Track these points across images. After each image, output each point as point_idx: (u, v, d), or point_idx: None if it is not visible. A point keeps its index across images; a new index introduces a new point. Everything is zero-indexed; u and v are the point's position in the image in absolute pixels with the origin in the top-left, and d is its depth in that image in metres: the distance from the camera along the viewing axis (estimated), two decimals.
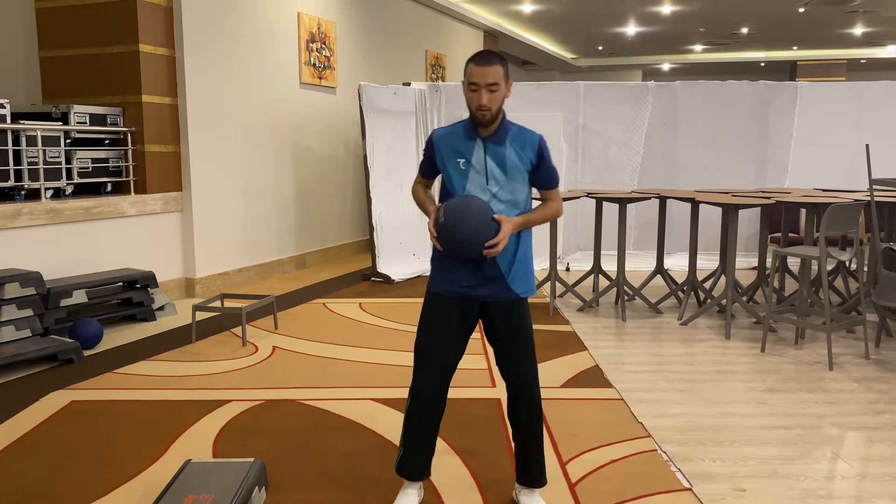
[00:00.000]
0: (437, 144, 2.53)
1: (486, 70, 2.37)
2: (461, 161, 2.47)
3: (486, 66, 2.38)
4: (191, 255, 6.16)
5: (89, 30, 5.79)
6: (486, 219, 2.37)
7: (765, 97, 7.85)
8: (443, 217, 2.36)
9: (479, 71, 2.38)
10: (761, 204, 4.98)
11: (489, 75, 2.37)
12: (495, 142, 2.46)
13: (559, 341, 4.79)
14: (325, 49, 7.90)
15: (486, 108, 2.38)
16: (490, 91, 2.38)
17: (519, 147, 2.47)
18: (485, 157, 2.46)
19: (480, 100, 2.38)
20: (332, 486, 2.76)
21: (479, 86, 2.38)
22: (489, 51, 2.46)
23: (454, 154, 2.49)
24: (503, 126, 2.47)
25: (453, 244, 2.37)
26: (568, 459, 2.98)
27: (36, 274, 4.58)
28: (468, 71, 2.41)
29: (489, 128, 2.45)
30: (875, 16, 12.93)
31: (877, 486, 2.77)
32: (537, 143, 2.48)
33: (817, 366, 4.25)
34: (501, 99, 2.42)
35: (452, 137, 2.51)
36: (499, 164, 2.45)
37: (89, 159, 5.53)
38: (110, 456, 3.05)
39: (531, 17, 12.85)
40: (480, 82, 2.37)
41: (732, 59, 18.53)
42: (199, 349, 4.65)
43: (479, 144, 2.47)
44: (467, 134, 2.48)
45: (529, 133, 2.50)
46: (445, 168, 2.51)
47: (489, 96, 2.38)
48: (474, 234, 2.35)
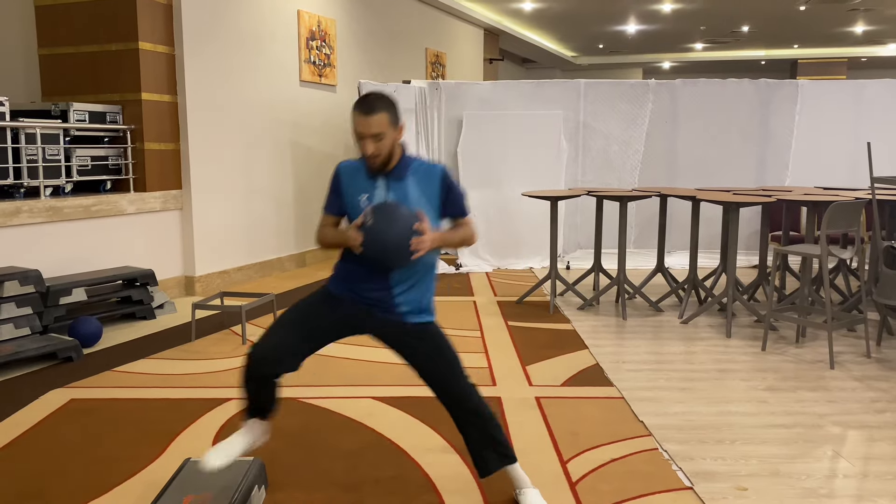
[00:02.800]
0: (342, 178, 2.49)
1: (369, 120, 2.32)
2: (363, 197, 2.44)
3: (369, 115, 2.32)
4: (190, 253, 6.15)
5: (88, 27, 5.78)
6: (413, 223, 2.32)
7: (766, 95, 7.84)
8: (371, 220, 2.30)
9: (363, 121, 2.32)
10: (762, 202, 4.96)
11: (372, 126, 2.32)
12: (395, 178, 2.42)
13: (559, 340, 4.78)
14: (325, 47, 7.89)
15: (373, 156, 2.35)
16: (376, 140, 2.33)
17: (422, 181, 2.43)
18: (386, 193, 2.42)
19: (366, 149, 2.35)
20: (331, 485, 2.76)
21: (363, 135, 2.33)
22: (375, 96, 2.37)
23: (357, 190, 2.46)
24: (402, 161, 2.44)
25: (380, 247, 2.31)
26: (568, 458, 2.97)
27: (35, 272, 4.57)
28: (353, 119, 2.35)
29: (387, 167, 2.42)
30: (876, 14, 12.92)
31: (878, 484, 2.76)
32: (439, 176, 2.44)
33: (818, 364, 4.24)
34: (390, 144, 2.37)
35: (356, 173, 2.47)
36: (401, 199, 2.41)
37: (89, 157, 5.52)
38: (109, 454, 3.04)
39: (531, 14, 12.84)
40: (364, 132, 2.33)
41: (733, 58, 18.51)
42: (198, 347, 4.65)
43: (380, 182, 2.43)
44: (369, 172, 2.44)
45: (432, 166, 2.47)
46: (349, 203, 2.47)
47: (375, 145, 2.34)
48: (403, 238, 2.29)
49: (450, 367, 2.51)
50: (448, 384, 2.50)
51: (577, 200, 7.77)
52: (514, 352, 4.51)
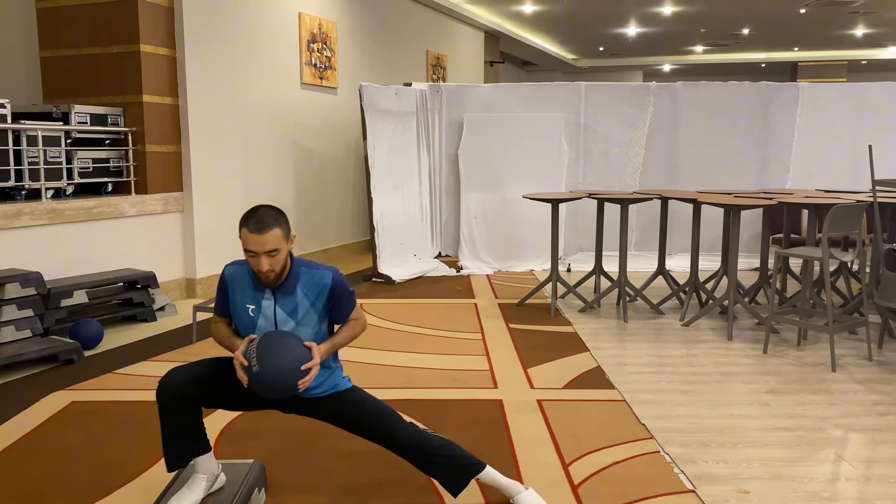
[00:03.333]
0: (231, 285, 2.43)
1: (263, 238, 2.23)
2: (250, 308, 2.38)
3: (262, 233, 2.23)
4: (191, 255, 6.15)
5: (90, 30, 5.78)
6: (301, 355, 2.26)
7: (766, 98, 7.84)
8: (256, 366, 2.22)
9: (256, 239, 2.23)
10: (763, 205, 4.96)
11: (267, 242, 2.24)
12: (284, 293, 2.37)
13: (561, 342, 4.78)
14: (326, 49, 7.89)
15: (268, 272, 2.28)
16: (270, 256, 2.26)
17: (311, 293, 2.38)
18: (274, 307, 2.37)
19: (260, 266, 2.27)
20: (333, 487, 2.75)
21: (257, 253, 2.25)
22: (265, 211, 2.30)
23: (243, 300, 2.40)
24: (292, 274, 2.37)
25: (267, 389, 2.27)
26: (570, 461, 2.97)
27: (36, 274, 4.57)
28: (243, 236, 2.26)
29: (276, 282, 2.36)
30: (876, 17, 12.92)
31: (881, 488, 2.75)
32: (329, 287, 2.38)
33: (820, 367, 4.23)
34: (284, 259, 2.31)
35: (242, 281, 2.41)
36: (289, 313, 2.37)
37: (90, 159, 5.52)
38: (110, 457, 3.04)
39: (532, 17, 12.85)
40: (258, 250, 2.25)
41: (733, 60, 18.52)
42: (199, 350, 4.64)
43: (267, 294, 2.38)
44: (255, 285, 2.38)
45: (322, 276, 2.39)
46: (236, 311, 2.42)
47: (270, 261, 2.27)
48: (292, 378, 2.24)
49: (386, 421, 2.46)
50: (393, 437, 2.45)
51: (578, 203, 7.76)
52: (516, 354, 4.51)
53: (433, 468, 2.49)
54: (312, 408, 2.50)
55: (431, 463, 2.47)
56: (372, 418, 2.47)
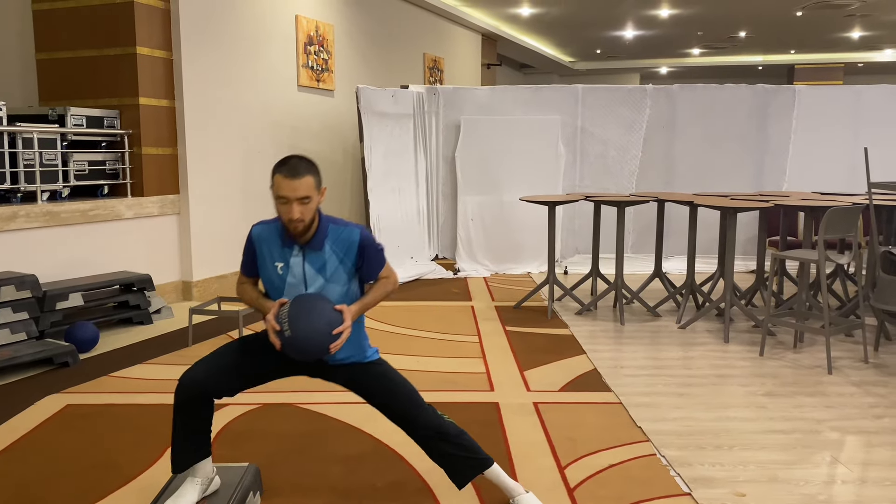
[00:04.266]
0: (258, 244, 2.42)
1: (296, 183, 2.24)
2: (279, 265, 2.38)
3: (296, 178, 2.25)
4: (188, 257, 6.14)
5: (86, 32, 5.78)
6: (333, 318, 2.26)
7: (763, 100, 7.85)
8: (289, 331, 2.22)
9: (289, 184, 2.24)
10: (760, 207, 4.97)
11: (300, 189, 2.25)
12: (313, 248, 2.36)
13: (557, 345, 4.78)
14: (323, 52, 7.89)
15: (298, 220, 2.28)
16: (301, 204, 2.27)
17: (340, 250, 2.38)
18: (303, 264, 2.37)
19: (291, 214, 2.26)
20: (329, 491, 2.75)
21: (289, 199, 2.26)
22: (299, 159, 2.32)
23: (272, 258, 2.39)
24: (320, 230, 2.37)
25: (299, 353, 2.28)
26: (566, 464, 2.97)
27: (32, 277, 4.56)
28: (276, 182, 2.27)
29: (305, 235, 2.36)
30: (872, 19, 12.96)
31: (877, 490, 2.75)
32: (357, 243, 2.39)
33: (816, 370, 4.23)
34: (314, 208, 2.32)
35: (270, 239, 2.40)
36: (318, 269, 2.37)
37: (86, 162, 5.52)
38: (105, 460, 3.03)
39: (529, 20, 12.86)
40: (290, 196, 2.25)
41: (730, 63, 18.56)
42: (195, 352, 4.63)
43: (296, 251, 2.37)
44: (284, 240, 2.38)
45: (350, 233, 2.39)
46: (265, 269, 2.41)
47: (301, 209, 2.27)
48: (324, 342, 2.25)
49: (408, 400, 2.46)
50: (414, 418, 2.44)
51: (575, 205, 7.77)
52: (512, 357, 4.50)
53: (445, 456, 2.48)
54: (339, 375, 2.49)
55: (444, 451, 2.47)
56: (396, 395, 2.46)
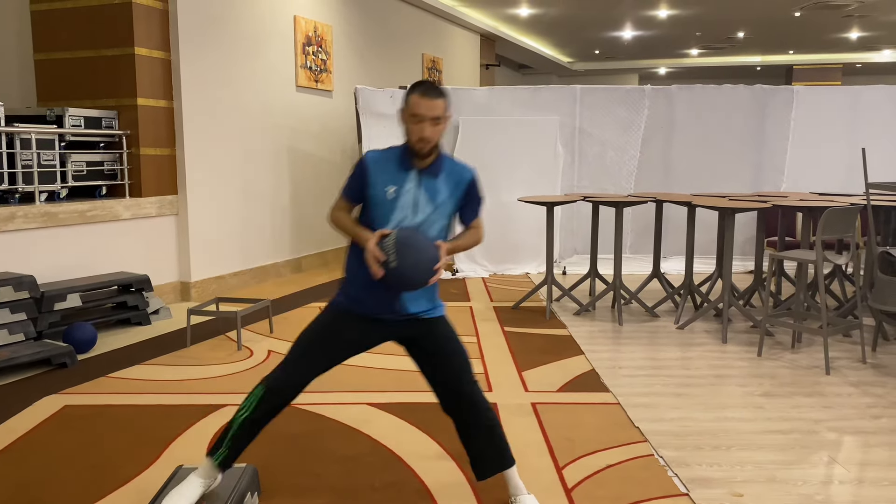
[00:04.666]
0: (371, 168, 2.43)
1: (433, 103, 2.34)
2: (391, 189, 2.40)
3: (433, 98, 2.34)
4: (186, 258, 6.14)
5: (84, 32, 5.77)
6: (434, 254, 2.32)
7: (761, 101, 7.86)
8: (395, 262, 2.26)
9: (426, 103, 2.33)
10: (758, 208, 4.97)
11: (436, 108, 2.34)
12: (430, 174, 2.42)
13: (555, 345, 4.78)
14: (322, 52, 7.89)
15: (427, 139, 2.35)
16: (434, 124, 2.34)
17: (452, 182, 2.45)
18: (417, 188, 2.41)
19: (423, 132, 2.34)
20: (327, 492, 2.75)
21: (423, 118, 2.33)
22: (432, 83, 2.42)
23: (385, 182, 2.41)
24: (439, 159, 2.44)
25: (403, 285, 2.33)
26: (564, 464, 2.97)
27: (30, 277, 4.55)
28: (412, 101, 2.35)
29: (426, 160, 2.40)
30: (870, 20, 12.97)
31: (874, 490, 2.76)
32: (468, 181, 2.48)
33: (814, 370, 4.24)
34: (442, 132, 2.39)
35: (386, 164, 2.43)
36: (430, 197, 2.42)
37: (84, 162, 5.51)
38: (103, 461, 3.03)
39: (528, 20, 12.87)
40: (426, 114, 2.33)
41: (729, 63, 18.58)
42: (194, 353, 4.63)
43: (413, 175, 2.41)
44: (402, 163, 2.42)
45: (463, 169, 2.48)
46: (373, 194, 2.42)
47: (432, 129, 2.34)
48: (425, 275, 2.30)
49: (462, 366, 2.51)
50: (459, 383, 2.49)
51: (574, 206, 7.77)
52: (510, 357, 4.51)
53: (478, 439, 2.51)
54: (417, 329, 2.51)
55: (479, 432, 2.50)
56: (460, 356, 2.52)
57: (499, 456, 2.55)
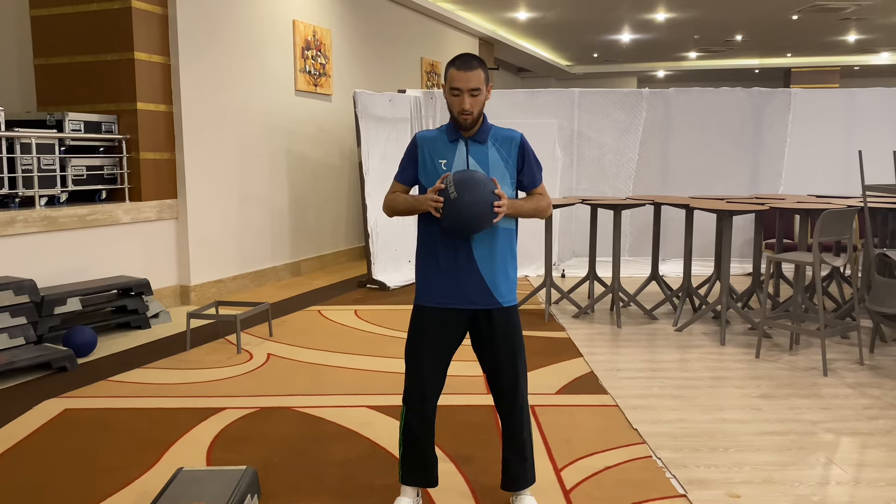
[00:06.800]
0: (422, 146, 2.53)
1: (469, 75, 2.40)
2: (443, 162, 2.48)
3: (468, 70, 2.40)
4: (185, 262, 6.15)
5: (84, 38, 5.79)
6: (492, 195, 2.36)
7: (759, 104, 7.88)
8: (455, 193, 2.33)
9: (462, 76, 2.40)
10: (755, 210, 4.99)
11: (472, 80, 2.40)
12: (477, 141, 2.49)
13: (554, 348, 4.79)
14: (321, 56, 7.91)
15: (468, 111, 2.42)
16: (472, 96, 2.41)
17: (501, 146, 2.51)
18: (467, 156, 2.48)
19: (463, 104, 2.41)
20: (326, 494, 2.76)
21: (461, 90, 2.41)
22: (470, 54, 2.48)
23: (436, 156, 2.50)
24: (484, 126, 2.51)
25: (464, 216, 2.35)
26: (562, 466, 2.98)
27: (30, 282, 4.56)
28: (450, 75, 2.44)
29: (471, 130, 2.48)
30: (868, 23, 13.00)
31: (871, 491, 2.77)
32: (518, 141, 2.53)
33: (812, 371, 4.25)
34: (483, 102, 2.45)
35: (436, 140, 2.53)
36: (481, 162, 2.48)
37: (84, 167, 5.53)
38: (103, 464, 3.04)
39: (526, 24, 12.89)
40: (463, 87, 2.40)
41: (727, 66, 18.61)
42: (193, 357, 4.64)
43: (461, 145, 2.49)
44: (450, 136, 2.51)
45: (510, 132, 2.54)
46: (426, 170, 2.51)
47: (471, 101, 2.41)
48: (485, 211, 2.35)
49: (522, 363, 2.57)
50: (517, 379, 2.55)
51: (572, 209, 7.79)
52: None
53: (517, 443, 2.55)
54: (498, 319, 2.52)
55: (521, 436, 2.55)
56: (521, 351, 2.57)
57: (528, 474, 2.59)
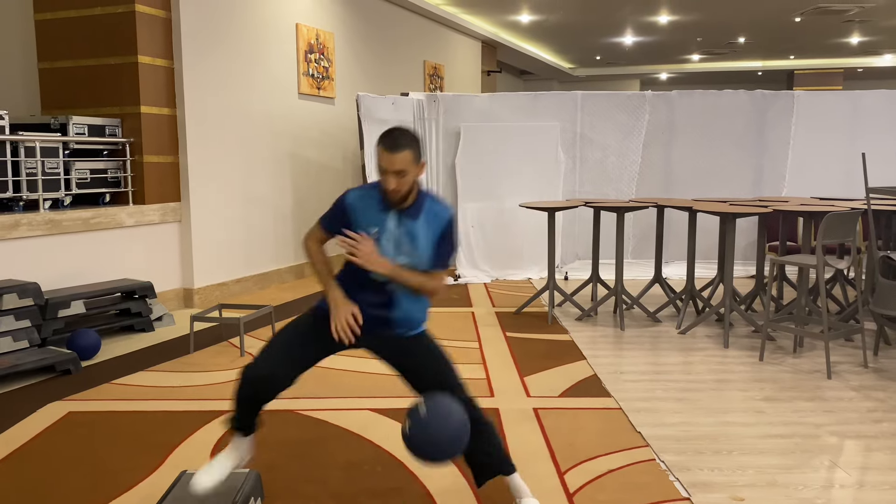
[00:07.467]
0: (353, 207, 2.48)
1: (394, 157, 2.34)
2: (374, 230, 2.44)
3: (394, 152, 2.34)
4: (189, 265, 6.16)
5: (88, 41, 5.81)
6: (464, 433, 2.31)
7: (762, 106, 7.87)
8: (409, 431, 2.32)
9: (387, 157, 2.34)
10: (759, 212, 4.99)
11: (396, 162, 2.34)
12: (410, 216, 2.44)
13: (557, 350, 4.79)
14: (324, 60, 7.93)
15: (394, 191, 2.37)
16: (399, 176, 2.35)
17: (430, 222, 2.44)
18: (397, 229, 2.44)
19: (388, 184, 2.36)
20: (329, 497, 2.76)
21: (387, 171, 2.35)
22: (400, 131, 2.40)
23: (367, 221, 2.45)
24: (418, 200, 2.45)
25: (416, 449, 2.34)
26: (566, 469, 2.98)
27: (34, 285, 4.58)
28: (377, 153, 2.38)
29: (402, 204, 2.43)
30: (871, 25, 12.99)
31: (875, 494, 2.76)
32: (445, 220, 2.45)
33: (815, 374, 4.24)
34: (411, 181, 2.39)
35: (367, 204, 2.47)
36: (410, 238, 2.44)
37: (88, 170, 5.54)
38: (107, 467, 3.04)
39: (529, 27, 12.90)
40: (388, 168, 2.35)
41: (730, 69, 18.60)
42: (197, 360, 4.65)
43: (392, 216, 2.44)
44: (382, 204, 2.45)
45: (442, 210, 2.47)
46: (356, 230, 2.45)
47: (398, 181, 2.36)
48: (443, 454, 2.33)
49: (446, 378, 2.51)
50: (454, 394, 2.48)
51: (575, 211, 7.78)
52: (513, 363, 4.51)
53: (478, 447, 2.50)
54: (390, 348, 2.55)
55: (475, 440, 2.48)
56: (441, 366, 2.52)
57: (496, 463, 2.55)
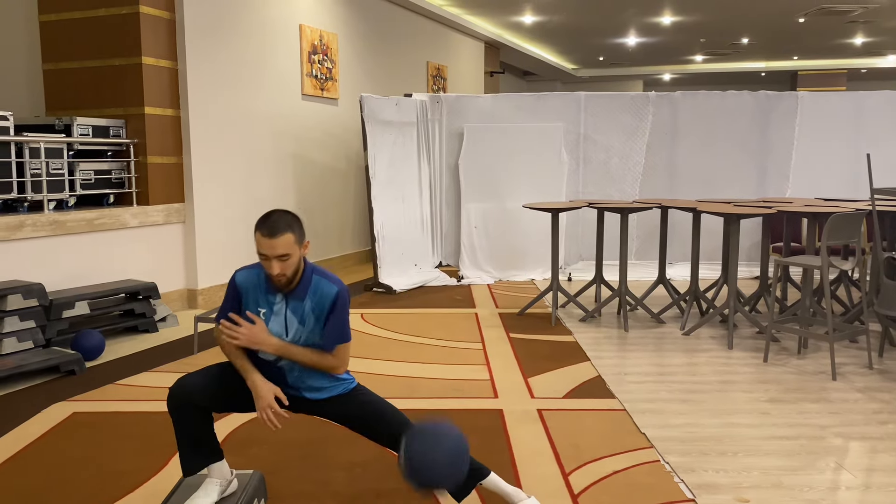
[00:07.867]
0: (241, 288, 2.45)
1: (274, 242, 2.28)
2: (262, 311, 2.42)
3: (274, 237, 2.28)
4: (193, 266, 6.16)
5: (92, 42, 5.82)
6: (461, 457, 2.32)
7: (765, 107, 7.87)
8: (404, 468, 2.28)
9: (267, 243, 2.28)
10: (763, 213, 4.98)
11: (278, 247, 2.28)
12: (295, 297, 2.41)
13: (561, 352, 4.78)
14: (327, 61, 7.94)
15: (279, 276, 2.33)
16: (281, 261, 2.30)
17: (318, 303, 2.41)
18: (285, 311, 2.42)
19: (272, 270, 2.31)
20: (332, 498, 2.76)
21: (268, 256, 2.30)
22: (279, 215, 2.34)
23: (255, 303, 2.43)
24: (304, 279, 2.41)
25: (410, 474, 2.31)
26: (570, 471, 2.97)
27: (38, 285, 4.58)
28: (257, 240, 2.31)
29: (288, 286, 2.40)
30: (875, 26, 12.97)
31: (880, 496, 2.75)
32: (332, 298, 2.40)
33: (820, 376, 4.23)
34: (296, 263, 2.35)
35: (255, 285, 2.44)
36: (299, 318, 2.42)
37: (92, 171, 5.55)
38: (111, 468, 3.04)
39: (532, 28, 12.90)
40: (270, 254, 2.29)
41: (733, 69, 18.57)
42: (201, 360, 4.65)
43: (280, 298, 2.42)
44: (268, 287, 2.42)
45: (330, 288, 2.41)
46: (248, 309, 2.43)
47: (281, 265, 2.31)
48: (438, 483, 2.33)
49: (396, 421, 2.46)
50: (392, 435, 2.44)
51: (579, 212, 7.78)
52: (516, 364, 4.51)
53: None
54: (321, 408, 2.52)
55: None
56: (380, 418, 2.49)
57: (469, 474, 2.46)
